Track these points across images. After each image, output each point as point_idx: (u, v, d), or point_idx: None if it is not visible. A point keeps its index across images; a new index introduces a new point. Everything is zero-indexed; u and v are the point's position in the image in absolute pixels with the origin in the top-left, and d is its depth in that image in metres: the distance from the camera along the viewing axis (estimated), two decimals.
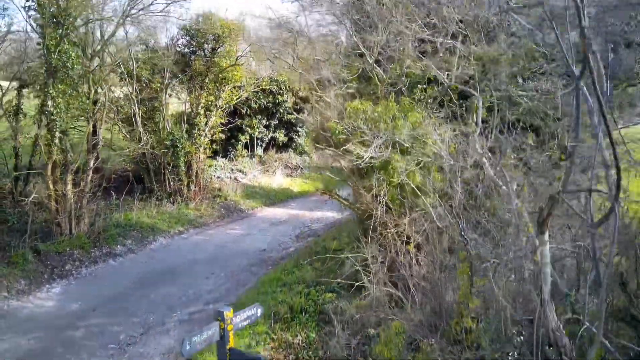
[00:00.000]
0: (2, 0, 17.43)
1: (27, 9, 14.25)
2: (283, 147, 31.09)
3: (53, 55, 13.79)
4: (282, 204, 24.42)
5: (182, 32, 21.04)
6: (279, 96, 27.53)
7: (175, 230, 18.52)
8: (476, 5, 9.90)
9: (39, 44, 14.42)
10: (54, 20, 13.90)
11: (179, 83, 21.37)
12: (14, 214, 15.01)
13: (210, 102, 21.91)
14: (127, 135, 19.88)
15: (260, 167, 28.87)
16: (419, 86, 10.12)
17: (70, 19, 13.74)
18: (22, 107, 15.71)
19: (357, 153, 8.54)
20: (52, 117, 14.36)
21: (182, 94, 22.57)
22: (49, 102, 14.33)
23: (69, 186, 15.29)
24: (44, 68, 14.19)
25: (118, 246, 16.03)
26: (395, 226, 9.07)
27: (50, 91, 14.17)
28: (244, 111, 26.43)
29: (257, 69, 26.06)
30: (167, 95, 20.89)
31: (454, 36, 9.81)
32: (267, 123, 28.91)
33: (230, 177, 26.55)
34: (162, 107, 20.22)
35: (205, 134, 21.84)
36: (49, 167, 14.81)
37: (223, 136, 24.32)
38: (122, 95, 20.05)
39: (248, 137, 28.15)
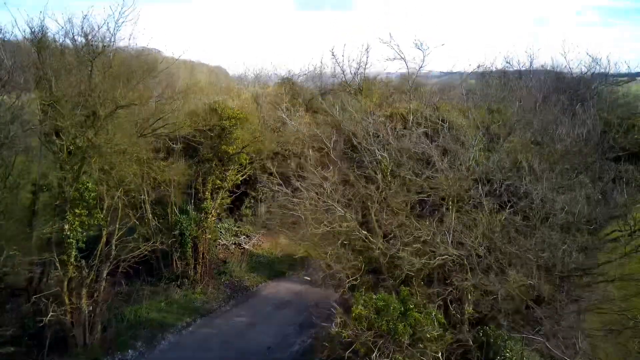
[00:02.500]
0: None
1: (46, 142, 14.93)
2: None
3: (70, 188, 14.57)
4: (285, 278, 25.08)
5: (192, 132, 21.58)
6: (283, 156, 28.24)
7: (183, 322, 19.27)
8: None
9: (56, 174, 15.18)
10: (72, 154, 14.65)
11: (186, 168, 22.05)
12: (29, 319, 15.81)
13: (217, 185, 22.66)
14: (137, 222, 20.64)
15: (264, 229, 29.59)
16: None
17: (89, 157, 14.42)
18: None
19: None
20: (68, 240, 15.16)
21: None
22: (66, 227, 15.12)
23: (84, 299, 16.10)
24: (61, 196, 14.95)
25: (129, 351, 16.84)
26: None
27: (68, 217, 14.97)
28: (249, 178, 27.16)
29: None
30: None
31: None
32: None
33: (235, 244, 27.35)
34: (169, 196, 20.93)
35: (212, 214, 22.62)
36: (65, 283, 15.61)
37: (229, 200, 24.98)
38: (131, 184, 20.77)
39: (252, 200, 28.98)
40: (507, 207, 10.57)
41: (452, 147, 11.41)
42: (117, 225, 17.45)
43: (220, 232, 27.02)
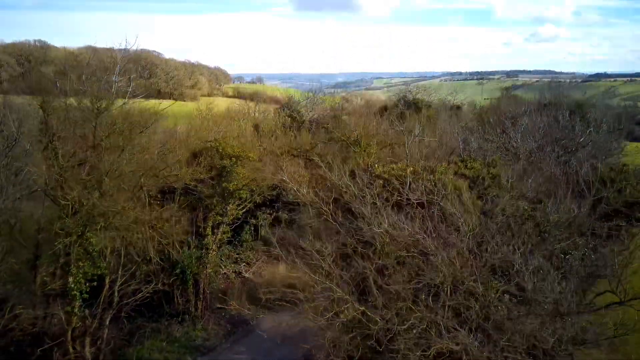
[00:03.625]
0: None
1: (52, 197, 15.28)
2: (289, 224, 32.20)
3: (75, 245, 14.90)
4: (286, 309, 25.33)
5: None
6: (283, 190, 28.60)
7: None
8: None
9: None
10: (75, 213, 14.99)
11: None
12: None
13: (217, 220, 23.01)
14: (139, 260, 20.99)
15: (264, 255, 29.95)
16: None
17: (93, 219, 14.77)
18: None
19: None
20: (73, 292, 15.51)
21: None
22: (70, 279, 15.48)
23: (87, 347, 16.45)
24: (64, 253, 15.30)
25: None
26: None
27: (72, 270, 15.32)
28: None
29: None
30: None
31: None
32: (272, 207, 30.14)
33: (235, 272, 27.69)
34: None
35: (213, 249, 22.98)
36: (69, 334, 15.96)
37: (230, 233, 25.33)
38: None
39: (253, 227, 29.35)
40: (500, 285, 10.92)
41: (446, 233, 11.75)
42: (120, 272, 17.82)
43: (221, 259, 27.38)
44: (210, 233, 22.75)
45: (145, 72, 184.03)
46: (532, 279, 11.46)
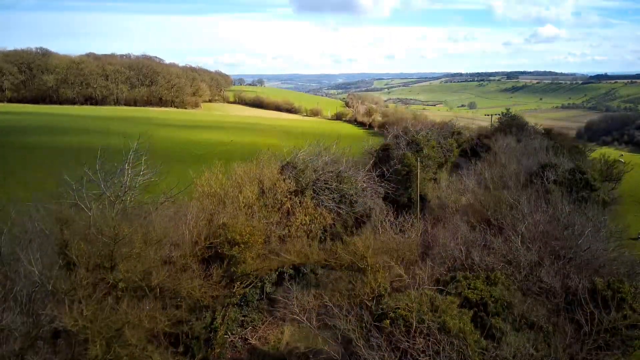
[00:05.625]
0: None
1: None
2: (292, 278, 32.84)
3: None
4: None
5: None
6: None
7: None
8: None
9: None
10: None
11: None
12: None
13: (226, 302, 23.66)
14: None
15: (270, 316, 30.59)
16: None
17: None
18: None
19: None
20: None
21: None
22: None
23: None
24: None
25: None
26: None
27: None
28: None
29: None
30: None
31: None
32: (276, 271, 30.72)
33: (241, 338, 28.33)
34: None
35: (221, 330, 23.63)
36: None
37: (239, 313, 25.99)
38: None
39: (258, 291, 29.96)
40: None
41: None
42: None
43: (227, 324, 28.04)
44: (219, 315, 23.37)
45: (147, 79, 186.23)
46: None
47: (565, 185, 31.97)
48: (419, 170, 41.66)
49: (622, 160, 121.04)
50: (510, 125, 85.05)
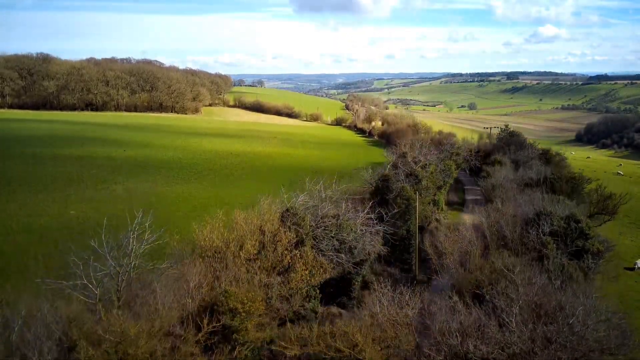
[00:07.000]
0: None
1: None
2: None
3: None
4: None
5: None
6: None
7: None
8: None
9: None
10: None
11: None
12: None
13: None
14: None
15: None
16: None
17: None
18: None
19: None
20: None
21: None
22: None
23: None
24: None
25: None
26: None
27: None
28: None
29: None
30: None
31: None
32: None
33: None
34: None
35: None
36: None
37: None
38: None
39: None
40: None
41: None
42: None
43: None
44: None
45: (147, 85, 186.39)
46: None
47: (560, 236, 32.60)
48: (417, 212, 42.20)
49: (621, 172, 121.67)
50: (509, 143, 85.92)
